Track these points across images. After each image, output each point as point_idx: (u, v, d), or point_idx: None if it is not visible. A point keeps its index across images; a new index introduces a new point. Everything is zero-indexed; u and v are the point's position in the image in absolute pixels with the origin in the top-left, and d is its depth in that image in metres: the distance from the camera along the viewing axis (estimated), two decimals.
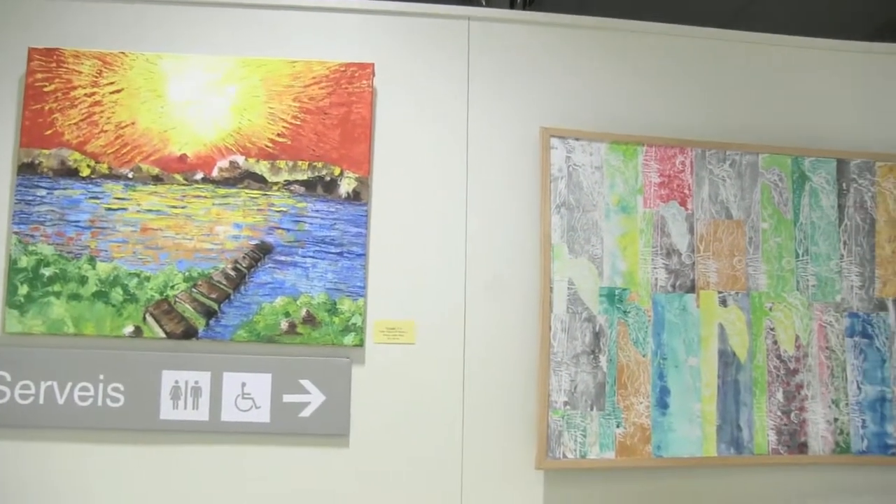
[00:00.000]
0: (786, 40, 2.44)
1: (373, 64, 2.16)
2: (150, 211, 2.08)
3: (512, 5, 3.04)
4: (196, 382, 2.04)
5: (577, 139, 2.19)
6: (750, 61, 2.40)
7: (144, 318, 2.03)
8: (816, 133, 2.38)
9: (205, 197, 2.10)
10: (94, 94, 2.09)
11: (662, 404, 2.14)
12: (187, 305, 2.05)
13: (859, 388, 2.24)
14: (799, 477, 2.23)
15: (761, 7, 3.46)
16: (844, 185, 2.32)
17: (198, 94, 2.12)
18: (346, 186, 2.12)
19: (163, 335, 2.03)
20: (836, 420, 2.22)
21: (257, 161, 2.12)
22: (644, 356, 2.15)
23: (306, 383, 2.06)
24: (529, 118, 2.23)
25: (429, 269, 2.15)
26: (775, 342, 2.22)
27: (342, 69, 2.15)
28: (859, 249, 2.30)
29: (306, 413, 2.05)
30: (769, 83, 2.40)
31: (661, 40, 2.36)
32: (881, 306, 2.29)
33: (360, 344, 2.08)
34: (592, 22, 2.33)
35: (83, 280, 2.03)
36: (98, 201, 2.07)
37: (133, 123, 2.10)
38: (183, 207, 2.09)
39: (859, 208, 2.31)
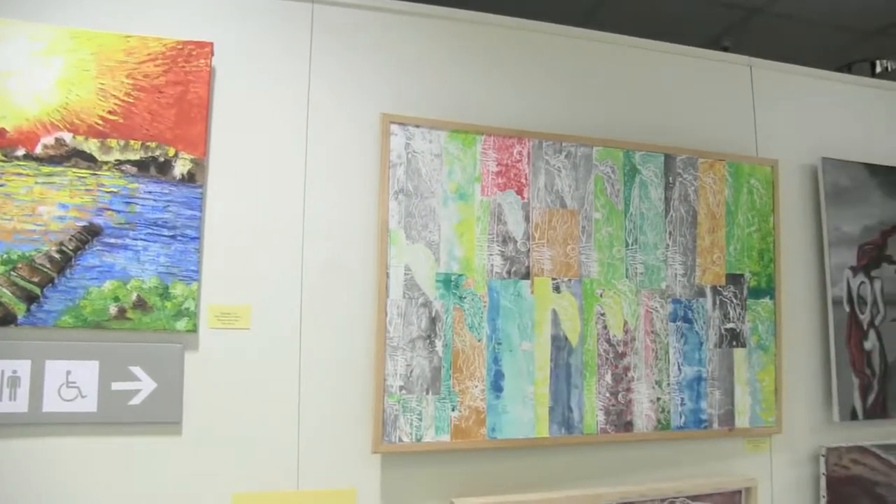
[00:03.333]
0: (626, 40, 2.56)
1: (212, 43, 2.10)
2: None
3: None
4: (14, 371, 1.92)
5: (417, 126, 2.21)
6: (590, 59, 2.51)
7: None
8: (647, 129, 2.51)
9: (27, 175, 1.97)
10: None
11: (497, 388, 2.20)
12: (5, 290, 1.93)
13: (679, 369, 2.40)
14: (625, 453, 2.37)
15: (611, 10, 3.63)
16: (671, 178, 2.46)
17: (19, 64, 1.98)
18: (180, 168, 2.05)
19: None
20: (658, 399, 2.37)
21: (86, 139, 2.01)
22: (479, 341, 2.20)
23: (136, 370, 1.98)
24: (371, 104, 2.23)
25: (265, 254, 2.11)
26: (605, 327, 2.34)
27: (179, 47, 2.08)
28: (683, 240, 2.45)
29: (136, 401, 1.97)
30: (607, 80, 2.51)
31: (505, 33, 2.42)
32: (700, 293, 2.45)
33: (194, 329, 2.02)
34: (439, 12, 2.35)
35: None
36: None
37: None
38: (1, 186, 1.96)
39: (683, 201, 2.46)
